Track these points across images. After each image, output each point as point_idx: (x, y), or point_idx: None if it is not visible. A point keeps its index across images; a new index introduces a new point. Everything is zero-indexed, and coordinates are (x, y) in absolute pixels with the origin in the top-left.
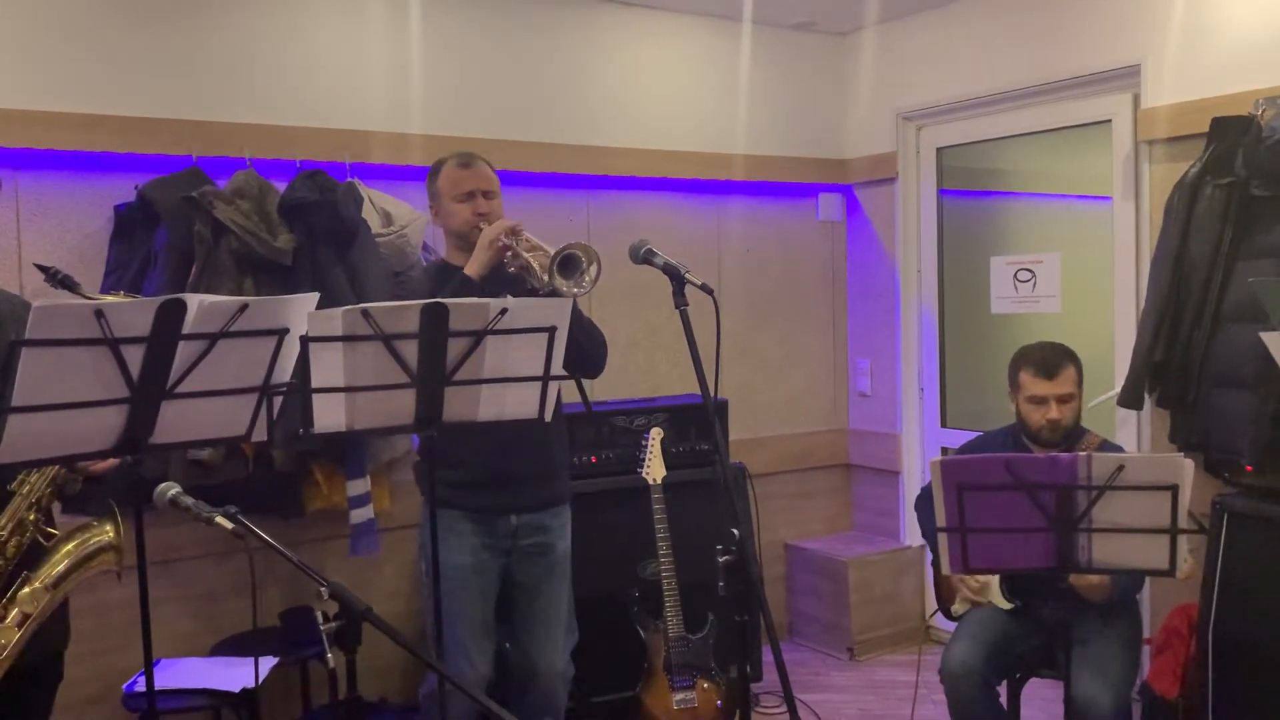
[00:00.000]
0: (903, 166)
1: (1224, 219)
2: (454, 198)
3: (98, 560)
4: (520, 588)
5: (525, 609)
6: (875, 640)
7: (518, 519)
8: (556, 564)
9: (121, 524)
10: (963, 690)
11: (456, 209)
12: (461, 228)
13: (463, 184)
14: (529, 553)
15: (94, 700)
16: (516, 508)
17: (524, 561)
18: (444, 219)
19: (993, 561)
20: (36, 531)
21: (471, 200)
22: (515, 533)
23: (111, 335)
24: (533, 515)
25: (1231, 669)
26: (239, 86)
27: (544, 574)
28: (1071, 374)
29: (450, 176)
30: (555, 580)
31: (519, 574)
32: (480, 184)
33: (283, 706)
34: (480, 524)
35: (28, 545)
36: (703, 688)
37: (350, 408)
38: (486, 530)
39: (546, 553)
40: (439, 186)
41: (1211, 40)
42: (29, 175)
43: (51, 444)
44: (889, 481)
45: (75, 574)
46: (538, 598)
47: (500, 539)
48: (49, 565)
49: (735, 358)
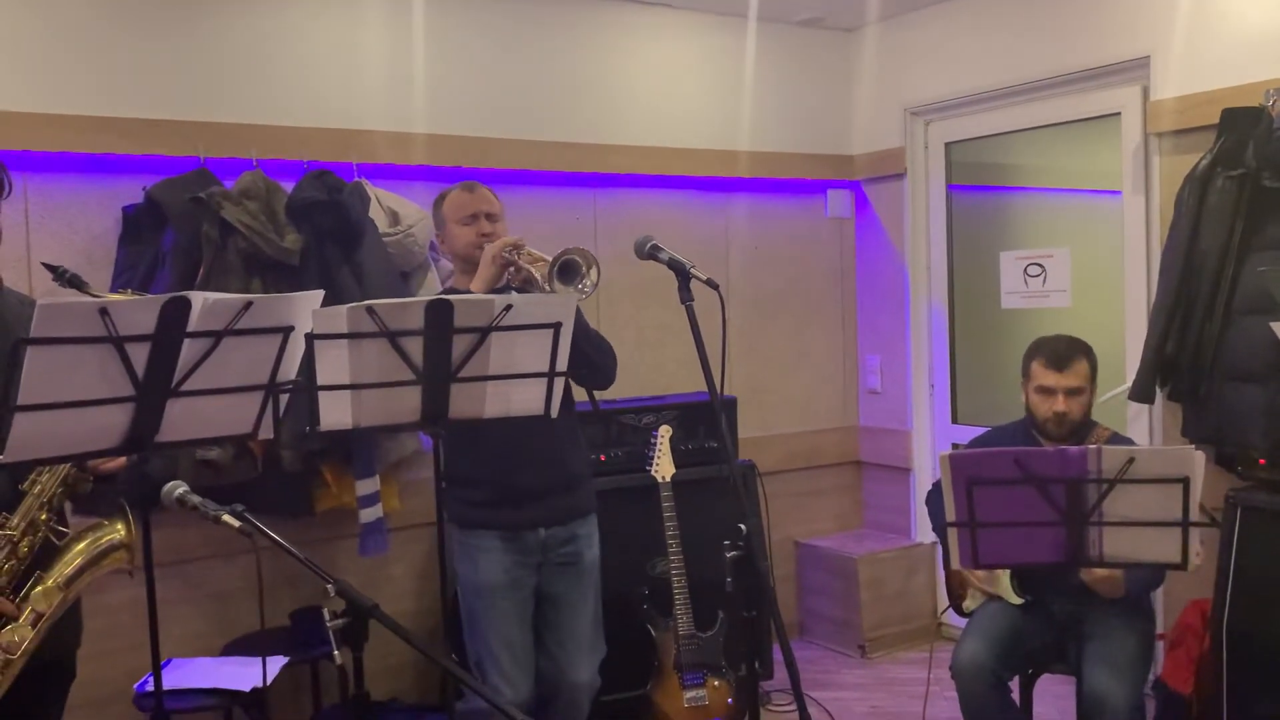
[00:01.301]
0: (911, 162)
1: (1235, 211)
2: (458, 221)
3: (109, 559)
4: (550, 600)
5: (554, 620)
6: (886, 638)
7: (546, 532)
8: (585, 573)
9: (133, 523)
10: (974, 687)
11: (460, 232)
12: (465, 250)
13: (466, 207)
14: (559, 564)
15: (106, 701)
16: (544, 521)
17: (554, 574)
18: (449, 243)
19: (1003, 556)
20: (49, 531)
21: (475, 223)
22: (545, 545)
23: (116, 333)
24: (561, 527)
25: (1246, 664)
26: (246, 88)
27: (573, 584)
28: (1083, 368)
29: (454, 201)
30: (584, 590)
31: (549, 586)
32: (483, 206)
33: (293, 706)
34: (510, 540)
35: (40, 545)
36: (713, 686)
37: (356, 405)
38: (517, 547)
39: (576, 562)
40: (444, 212)
41: (1221, 31)
42: (38, 178)
43: (58, 442)
44: (900, 478)
45: (87, 573)
46: (567, 609)
47: (530, 554)
48: (61, 564)
49: (744, 355)
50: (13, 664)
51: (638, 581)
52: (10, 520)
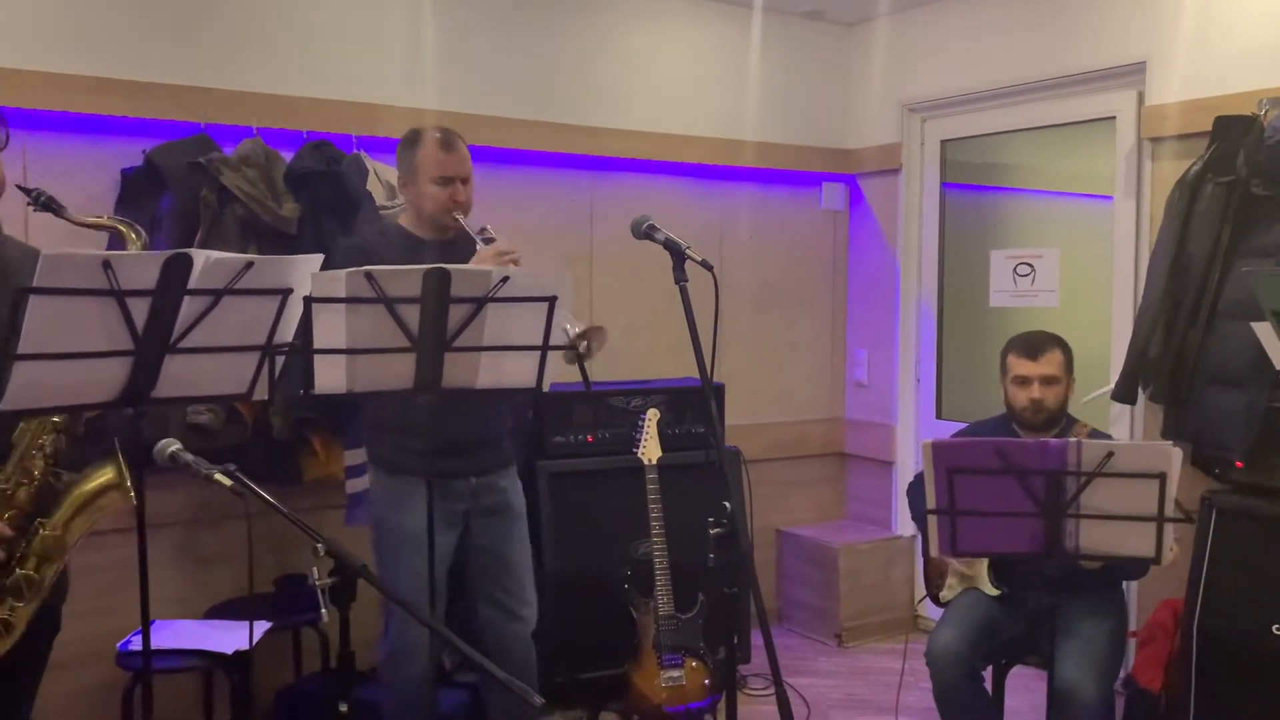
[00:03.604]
0: (907, 158)
1: (1223, 217)
2: (432, 179)
3: (105, 500)
4: (486, 551)
5: (492, 569)
6: (863, 628)
7: (477, 480)
8: (514, 520)
9: (124, 465)
10: (947, 675)
11: (433, 192)
12: (436, 211)
13: (443, 168)
14: (489, 510)
15: (88, 658)
16: (474, 470)
17: (484, 521)
18: (414, 195)
19: (981, 545)
20: (47, 476)
21: (449, 186)
22: (475, 493)
23: (118, 287)
24: (489, 476)
25: (1215, 664)
26: (249, 55)
27: (505, 531)
28: (1057, 357)
29: (430, 157)
30: (517, 537)
31: (482, 538)
32: (460, 170)
33: (274, 671)
34: (438, 487)
35: (40, 492)
36: (691, 667)
37: (351, 370)
38: (442, 493)
39: (504, 510)
40: (416, 161)
41: (1218, 39)
42: (37, 136)
43: (56, 393)
44: (883, 472)
45: (84, 516)
46: (502, 557)
47: (457, 501)
48: (60, 510)
49: (734, 344)
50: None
51: (620, 562)
52: (4, 470)
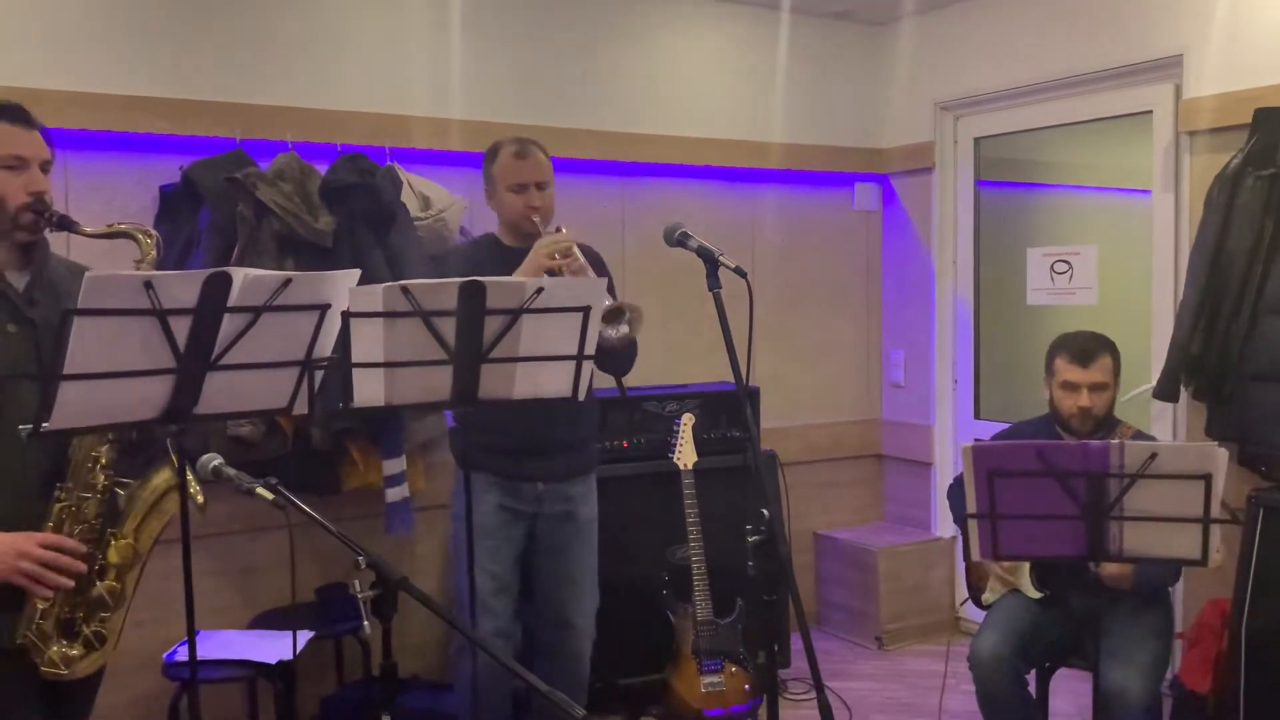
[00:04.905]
0: (940, 157)
1: (1265, 211)
2: (508, 188)
3: (168, 502)
4: (548, 551)
5: (553, 568)
6: (904, 630)
7: (544, 486)
8: (581, 529)
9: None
10: (992, 679)
11: (510, 200)
12: (514, 218)
13: (517, 175)
14: (554, 518)
15: (133, 670)
16: (543, 476)
17: (549, 526)
18: (496, 205)
19: (1022, 548)
20: (112, 486)
21: (525, 192)
22: (540, 499)
23: (160, 306)
24: (559, 484)
25: (1264, 664)
26: (282, 70)
27: (570, 538)
28: (1107, 363)
29: (506, 166)
30: (580, 543)
31: (545, 538)
32: (535, 175)
33: (317, 680)
34: (506, 488)
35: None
36: (730, 672)
37: (389, 383)
38: (511, 494)
39: (571, 519)
40: (494, 173)
41: (1255, 31)
42: (78, 155)
43: (101, 411)
44: (920, 473)
45: (152, 520)
46: (564, 557)
47: (525, 503)
48: (128, 519)
49: (768, 346)
50: (109, 628)
51: (658, 567)
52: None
